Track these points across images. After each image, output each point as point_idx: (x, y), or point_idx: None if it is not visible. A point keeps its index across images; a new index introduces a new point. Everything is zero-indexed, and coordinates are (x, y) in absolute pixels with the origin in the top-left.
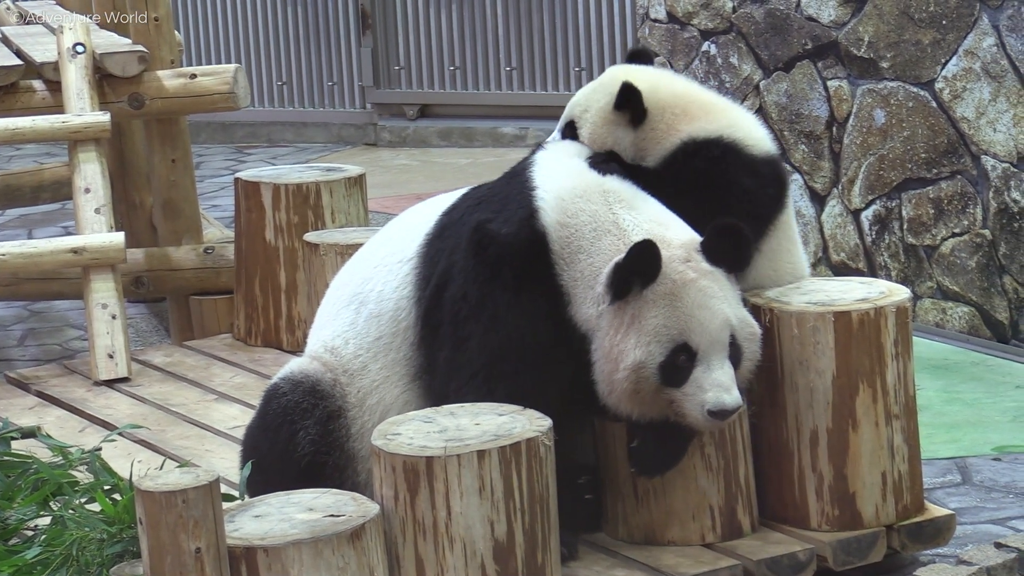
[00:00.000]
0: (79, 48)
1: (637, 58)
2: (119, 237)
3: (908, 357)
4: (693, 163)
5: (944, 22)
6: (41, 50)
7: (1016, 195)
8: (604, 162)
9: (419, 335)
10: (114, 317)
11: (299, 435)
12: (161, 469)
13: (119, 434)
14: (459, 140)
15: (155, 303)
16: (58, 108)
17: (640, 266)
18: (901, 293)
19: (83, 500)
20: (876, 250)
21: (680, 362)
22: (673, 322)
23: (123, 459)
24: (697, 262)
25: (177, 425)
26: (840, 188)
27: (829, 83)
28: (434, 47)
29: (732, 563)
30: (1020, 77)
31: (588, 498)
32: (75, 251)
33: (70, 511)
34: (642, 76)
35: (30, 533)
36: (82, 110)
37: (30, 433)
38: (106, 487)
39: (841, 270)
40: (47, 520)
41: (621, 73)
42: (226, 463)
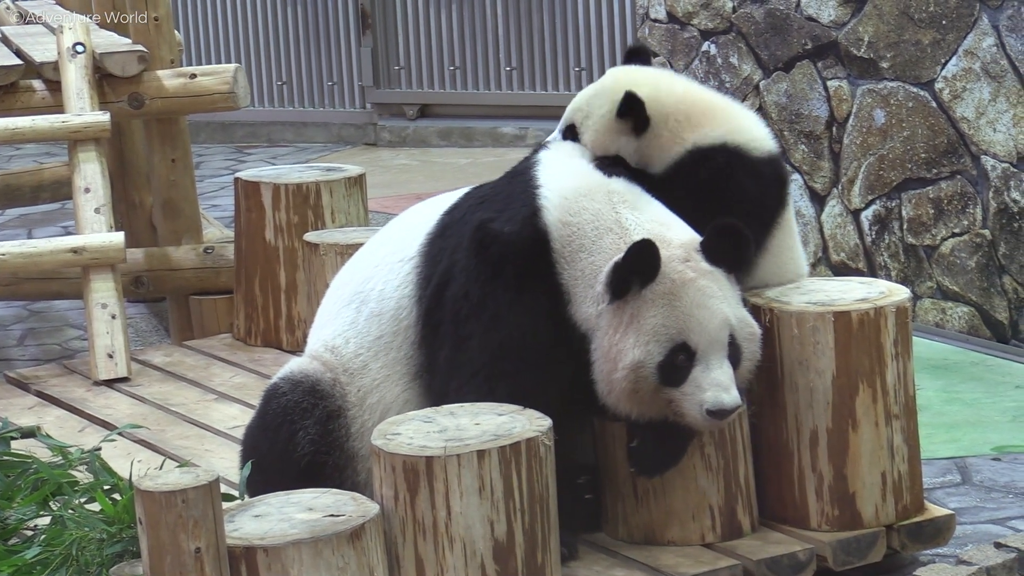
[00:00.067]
0: (79, 48)
1: (635, 56)
2: (119, 237)
3: (908, 357)
4: (698, 172)
5: (944, 22)
6: (41, 50)
7: (1016, 195)
8: (610, 165)
9: (420, 334)
10: (114, 317)
11: (299, 435)
12: (161, 469)
13: (119, 434)
14: (459, 140)
15: (155, 303)
16: (58, 108)
17: (639, 265)
18: (901, 293)
19: (83, 500)
20: (876, 250)
21: (679, 362)
22: (672, 321)
23: (123, 459)
24: (696, 262)
25: (177, 425)
26: (840, 188)
27: (829, 83)
28: (434, 47)
29: (732, 563)
30: (1020, 77)
31: (588, 498)
32: (75, 251)
33: (70, 511)
34: (644, 81)
35: (30, 533)
36: (82, 110)
37: (30, 433)
38: (106, 487)
39: (841, 270)
40: (47, 520)
41: (623, 78)
42: (226, 463)
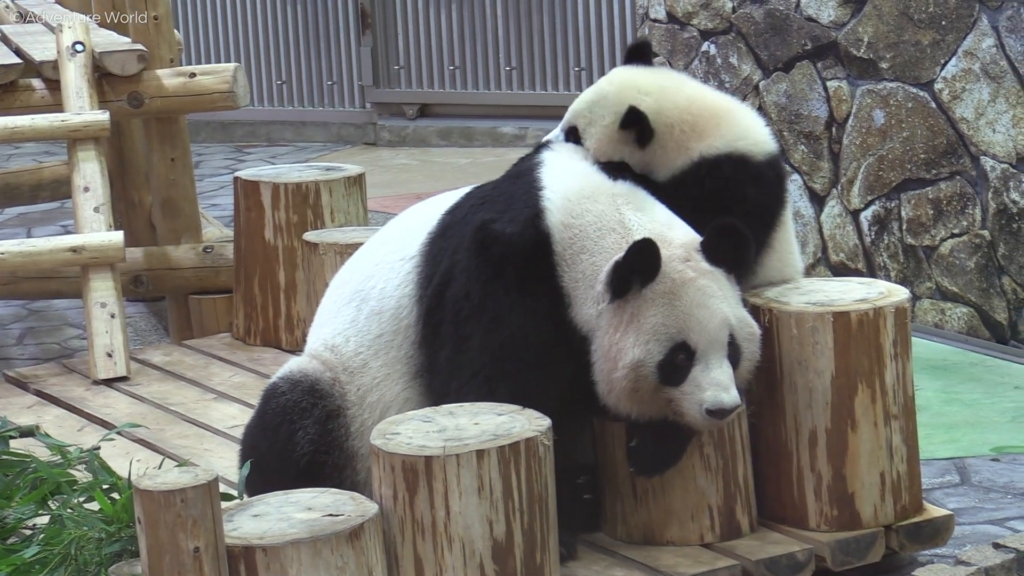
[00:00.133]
0: (78, 47)
1: (637, 54)
2: (118, 236)
3: (907, 357)
4: (704, 182)
5: (943, 23)
6: (40, 49)
7: (1015, 196)
8: (614, 169)
9: (420, 333)
10: (113, 316)
11: (298, 434)
12: (160, 468)
13: (118, 433)
14: (459, 140)
15: (154, 302)
16: (57, 107)
17: (640, 264)
18: (900, 294)
19: (82, 499)
20: (875, 250)
21: (679, 361)
22: (672, 321)
23: (122, 458)
24: (697, 261)
25: (176, 424)
26: (839, 188)
27: (828, 83)
28: (434, 47)
29: (731, 563)
30: (1019, 78)
31: (587, 498)
32: (74, 250)
33: (68, 510)
34: (648, 89)
35: (28, 532)
36: (81, 109)
37: (29, 432)
38: (105, 486)
39: (840, 270)
40: (45, 519)
41: (626, 86)
42: (225, 462)
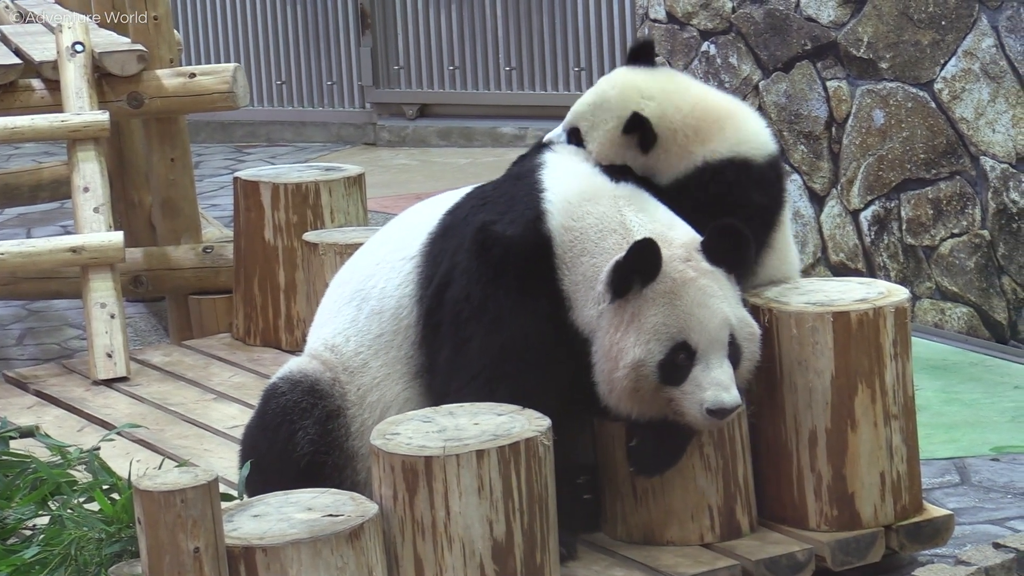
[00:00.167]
0: (78, 47)
1: (640, 55)
2: (118, 236)
3: (907, 357)
4: (708, 187)
5: (943, 23)
6: (40, 49)
7: (1015, 196)
8: (616, 171)
9: (420, 334)
10: (113, 316)
11: (298, 435)
12: (160, 468)
13: (118, 433)
14: (458, 140)
15: (154, 302)
16: (57, 107)
17: (640, 264)
18: (900, 293)
19: (82, 499)
20: (875, 250)
21: (679, 360)
22: (673, 320)
23: (122, 458)
24: (697, 261)
25: (176, 425)
26: (839, 188)
27: (828, 83)
28: (433, 47)
29: (731, 563)
30: (1019, 78)
31: (587, 498)
32: (74, 250)
33: (68, 510)
34: (651, 93)
35: (28, 532)
36: (81, 109)
37: (28, 432)
38: (105, 486)
39: (840, 270)
40: (45, 519)
41: (629, 89)
42: (225, 463)
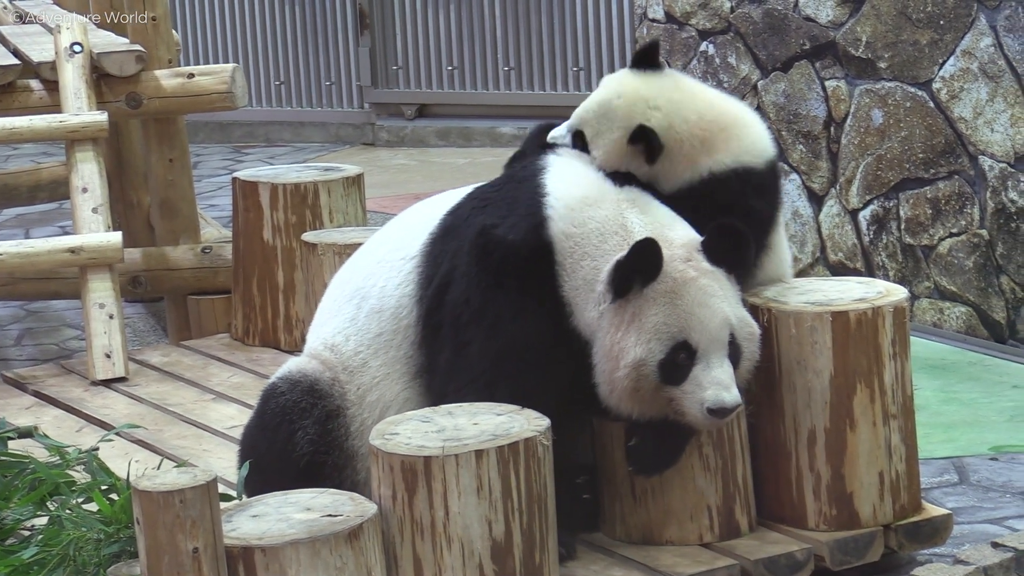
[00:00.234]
0: (76, 48)
1: (645, 58)
2: (116, 237)
3: (906, 357)
4: (712, 197)
5: (942, 22)
6: (38, 49)
7: (1013, 195)
8: (620, 177)
9: (420, 334)
10: (111, 317)
11: (298, 435)
12: (158, 469)
13: (116, 434)
14: (457, 140)
15: (152, 303)
16: (55, 108)
17: (641, 264)
18: (899, 293)
19: (80, 500)
20: (874, 250)
21: (680, 360)
22: (673, 320)
23: (120, 459)
24: (698, 261)
25: (174, 425)
26: (838, 188)
27: (827, 83)
28: (432, 47)
29: (730, 563)
30: (1017, 77)
31: (586, 498)
32: (72, 251)
33: (67, 511)
34: (657, 103)
35: (27, 533)
36: (79, 110)
37: (27, 433)
38: (103, 487)
39: (839, 270)
40: (44, 520)
41: (634, 100)
42: (224, 463)
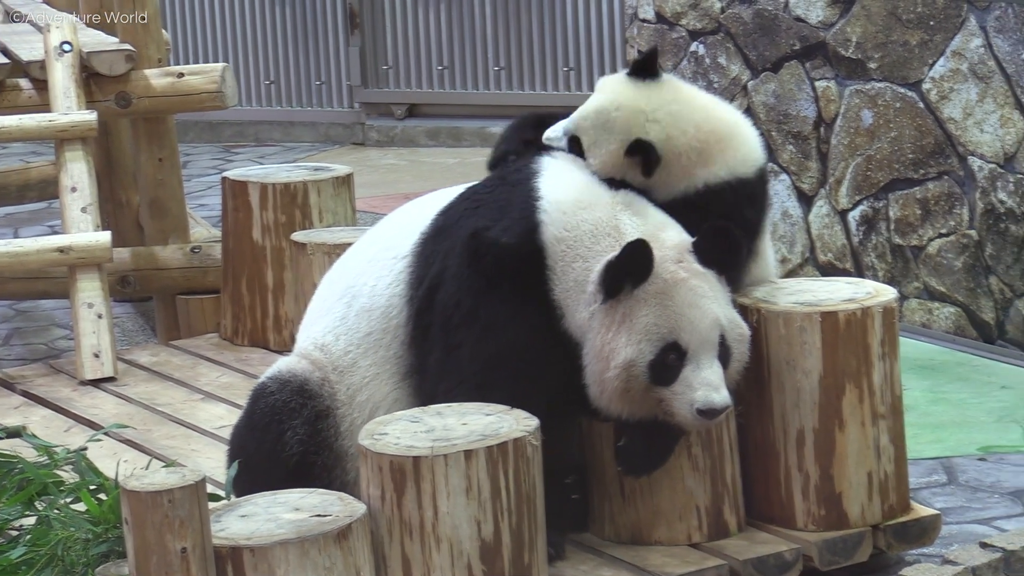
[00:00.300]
0: (66, 47)
1: (644, 69)
2: (105, 236)
3: (894, 357)
4: (708, 208)
5: (932, 23)
6: (28, 48)
7: (1002, 196)
8: (614, 183)
9: (410, 334)
10: (100, 316)
11: (287, 435)
12: (147, 469)
13: (105, 434)
14: (447, 140)
15: (141, 302)
16: (45, 107)
17: (632, 265)
18: (888, 293)
19: (68, 500)
20: (863, 250)
21: (670, 361)
22: (664, 321)
23: (109, 459)
24: (689, 263)
25: (163, 425)
26: (827, 188)
27: (817, 84)
28: (422, 47)
29: (719, 563)
30: (1007, 78)
31: (575, 498)
32: (61, 250)
33: (55, 511)
34: (656, 115)
35: (15, 533)
36: (69, 109)
37: (15, 433)
38: (92, 487)
39: (828, 270)
40: (32, 520)
41: (636, 114)
42: (212, 463)
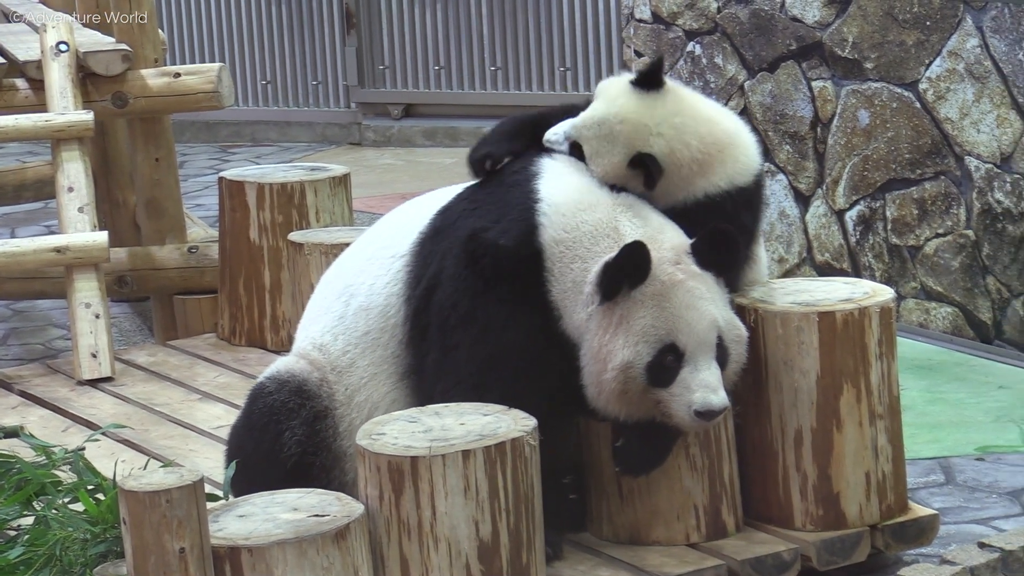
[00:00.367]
0: (62, 47)
1: (648, 80)
2: (102, 236)
3: (892, 357)
4: (706, 218)
5: (928, 23)
6: (24, 48)
7: (999, 196)
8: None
9: (408, 334)
10: (97, 316)
11: (285, 435)
12: (145, 469)
13: (102, 434)
14: (444, 140)
15: (138, 302)
16: (41, 107)
17: (630, 266)
18: (885, 293)
19: (66, 500)
20: (860, 250)
21: (667, 362)
22: (661, 322)
23: (107, 459)
24: (687, 264)
25: (161, 425)
26: (824, 188)
27: (813, 84)
28: (419, 46)
29: (717, 563)
30: (1003, 78)
31: (573, 498)
32: (58, 250)
33: (53, 511)
34: (659, 129)
35: (13, 533)
36: (65, 109)
37: (13, 433)
38: (89, 487)
39: (825, 270)
40: (30, 520)
41: (640, 128)
42: (210, 463)
